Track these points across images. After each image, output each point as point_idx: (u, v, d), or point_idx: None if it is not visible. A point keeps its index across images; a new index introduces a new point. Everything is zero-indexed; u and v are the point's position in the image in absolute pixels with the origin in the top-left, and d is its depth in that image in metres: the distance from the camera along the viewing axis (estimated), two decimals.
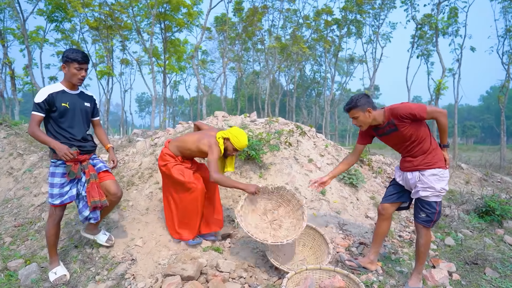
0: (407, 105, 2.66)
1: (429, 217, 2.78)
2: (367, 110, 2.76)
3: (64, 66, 2.80)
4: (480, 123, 62.05)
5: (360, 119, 2.80)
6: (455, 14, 18.64)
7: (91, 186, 2.90)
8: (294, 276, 2.71)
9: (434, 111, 2.63)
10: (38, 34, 19.19)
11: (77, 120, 2.90)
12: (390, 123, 2.75)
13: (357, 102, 2.77)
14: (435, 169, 2.74)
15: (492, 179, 6.60)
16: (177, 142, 3.29)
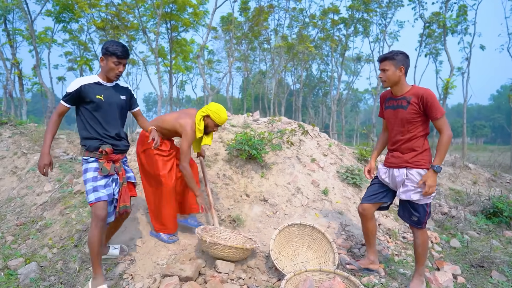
0: (433, 95, 2.55)
1: (420, 220, 2.68)
2: (400, 68, 2.61)
3: (102, 58, 2.60)
4: (491, 122, 61.11)
5: (389, 74, 2.63)
6: (464, 12, 18.36)
7: (124, 190, 2.72)
8: (293, 277, 2.65)
9: (446, 123, 2.52)
10: (46, 35, 19.41)
11: (112, 116, 2.67)
12: (405, 98, 2.62)
13: (395, 56, 2.62)
14: (422, 169, 2.62)
15: (501, 179, 6.45)
16: (156, 121, 3.22)
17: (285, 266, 3.08)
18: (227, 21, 22.51)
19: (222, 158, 4.39)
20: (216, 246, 2.85)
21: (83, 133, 2.61)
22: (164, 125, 3.15)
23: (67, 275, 3.00)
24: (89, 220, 3.75)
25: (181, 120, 3.10)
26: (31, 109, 53.20)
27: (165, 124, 3.15)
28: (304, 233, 3.33)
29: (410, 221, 2.73)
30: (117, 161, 2.70)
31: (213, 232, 3.36)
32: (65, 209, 4.08)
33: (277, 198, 4.07)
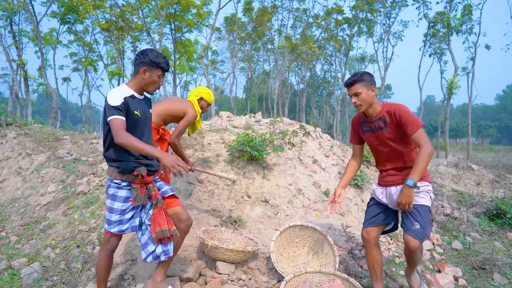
0: (405, 109, 2.40)
1: (423, 228, 2.35)
2: (371, 88, 2.47)
3: (145, 69, 2.28)
4: (496, 122, 60.57)
5: (362, 97, 2.45)
6: (469, 11, 18.22)
7: (158, 212, 2.32)
8: (293, 279, 2.66)
9: (424, 137, 2.32)
10: (51, 36, 19.58)
11: (147, 132, 2.42)
12: (381, 118, 2.48)
13: (363, 77, 2.47)
14: (422, 182, 2.45)
15: (505, 180, 6.40)
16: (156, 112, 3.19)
17: (286, 267, 3.09)
18: (230, 21, 22.55)
19: (224, 159, 4.41)
20: (217, 250, 2.87)
21: (115, 152, 2.27)
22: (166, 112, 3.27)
23: (69, 275, 3.04)
24: (91, 220, 3.79)
25: (183, 104, 3.32)
26: (37, 109, 53.68)
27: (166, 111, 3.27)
28: (305, 234, 3.33)
29: (412, 232, 2.37)
30: (150, 182, 2.39)
31: (214, 234, 3.37)
32: (68, 209, 4.13)
33: (278, 199, 4.08)
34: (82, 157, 5.58)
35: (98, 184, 4.61)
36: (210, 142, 4.60)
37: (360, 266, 3.23)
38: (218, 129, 4.95)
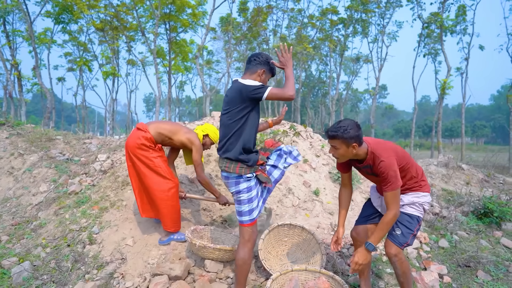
0: (388, 166, 2.27)
1: (403, 236, 2.39)
2: (352, 146, 2.29)
3: (263, 71, 2.51)
4: (491, 122, 61.08)
5: (340, 152, 2.34)
6: (463, 12, 18.38)
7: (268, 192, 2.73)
8: (280, 277, 2.71)
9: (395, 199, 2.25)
10: (45, 36, 19.49)
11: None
12: (369, 167, 2.42)
13: (345, 134, 2.26)
14: (418, 192, 2.46)
15: (494, 180, 6.49)
16: (159, 129, 3.27)
17: (274, 265, 3.13)
18: (226, 21, 22.57)
19: (215, 159, 4.44)
20: (205, 249, 2.90)
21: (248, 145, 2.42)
22: (172, 136, 3.28)
23: (59, 273, 3.06)
24: (82, 220, 3.80)
25: (188, 135, 3.28)
26: (32, 109, 53.34)
27: (172, 135, 3.28)
28: (294, 233, 3.38)
29: (391, 236, 2.43)
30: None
31: (203, 233, 3.41)
32: (59, 209, 4.14)
33: (268, 198, 4.12)
34: (75, 157, 5.59)
35: (89, 184, 4.62)
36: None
37: (347, 264, 3.27)
38: None
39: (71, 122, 51.16)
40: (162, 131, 3.27)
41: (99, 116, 58.75)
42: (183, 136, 3.27)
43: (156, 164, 3.19)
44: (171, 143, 3.36)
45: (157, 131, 3.25)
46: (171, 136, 3.29)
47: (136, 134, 3.23)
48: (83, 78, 23.12)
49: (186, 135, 3.27)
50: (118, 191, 4.21)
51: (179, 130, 3.32)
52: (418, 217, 2.45)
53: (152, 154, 3.19)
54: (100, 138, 6.64)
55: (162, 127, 3.29)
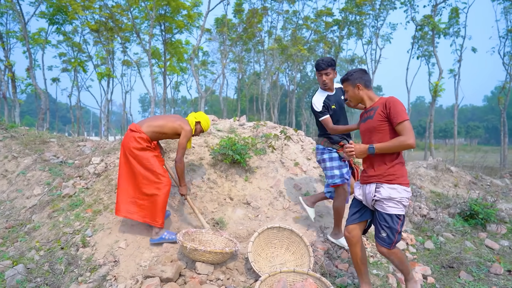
0: (397, 101, 2.50)
1: (389, 236, 2.50)
2: (357, 86, 2.69)
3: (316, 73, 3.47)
4: (485, 123, 61.70)
5: (349, 94, 2.77)
6: (456, 14, 18.61)
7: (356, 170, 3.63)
8: (268, 278, 2.79)
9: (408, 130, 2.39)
10: (40, 36, 19.41)
11: (343, 115, 3.51)
12: (373, 108, 2.61)
13: (349, 76, 2.72)
14: (394, 184, 2.49)
15: (482, 182, 6.63)
16: (152, 127, 3.45)
17: (263, 267, 3.21)
18: (221, 23, 22.63)
19: (207, 163, 4.52)
20: (196, 251, 2.98)
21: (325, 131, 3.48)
22: (165, 130, 3.49)
23: (52, 276, 3.12)
24: (76, 223, 3.86)
25: (179, 121, 3.53)
26: (26, 109, 52.97)
27: (165, 129, 3.49)
28: (283, 235, 3.46)
29: (378, 238, 2.56)
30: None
31: (195, 235, 3.48)
32: (53, 212, 4.19)
33: (259, 201, 4.20)
34: (69, 160, 5.63)
35: (83, 187, 4.67)
36: (194, 145, 4.70)
37: (335, 266, 3.37)
38: None
39: (66, 122, 50.88)
40: (155, 128, 3.45)
41: (94, 117, 58.51)
42: (175, 123, 3.49)
43: (151, 163, 3.35)
44: (166, 136, 3.57)
45: (150, 130, 3.43)
46: (163, 130, 3.47)
47: (131, 135, 3.38)
48: (77, 78, 23.06)
49: (177, 121, 3.51)
50: (112, 194, 4.27)
51: (169, 119, 3.53)
52: (398, 215, 2.50)
53: (148, 154, 3.36)
54: (94, 141, 6.68)
55: (154, 124, 3.47)
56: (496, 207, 4.74)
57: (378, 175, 2.54)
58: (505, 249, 3.96)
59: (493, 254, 3.80)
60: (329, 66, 3.36)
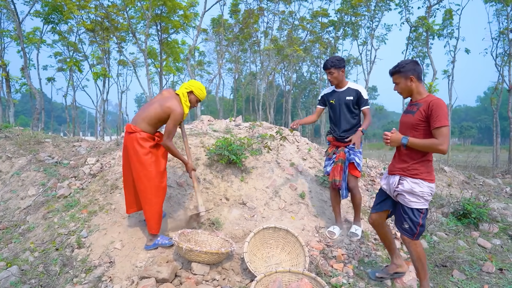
0: (441, 104, 2.49)
1: (411, 228, 2.65)
2: (410, 78, 2.62)
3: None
4: (478, 123, 62.22)
5: (401, 86, 2.69)
6: (450, 16, 18.77)
7: (335, 167, 3.68)
8: (264, 278, 2.81)
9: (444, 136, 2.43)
10: (34, 35, 19.26)
11: (342, 113, 3.69)
12: (417, 104, 2.62)
13: (401, 68, 2.63)
14: (417, 179, 2.59)
15: (475, 181, 6.70)
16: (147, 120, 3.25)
17: (259, 267, 3.23)
18: (217, 23, 22.62)
19: (203, 163, 4.53)
20: (192, 252, 2.99)
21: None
22: (153, 120, 3.25)
23: (47, 278, 3.11)
24: (71, 224, 3.85)
25: (167, 103, 3.23)
26: (21, 109, 52.53)
27: (153, 119, 3.25)
28: (278, 236, 3.48)
29: (401, 228, 2.71)
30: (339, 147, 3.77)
31: (191, 236, 3.49)
32: (48, 213, 4.17)
33: (255, 201, 4.22)
34: (64, 160, 5.60)
35: (79, 188, 4.66)
36: (190, 146, 4.71)
37: (330, 265, 3.39)
38: (198, 133, 5.06)
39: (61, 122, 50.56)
40: (150, 121, 3.26)
41: (90, 116, 58.17)
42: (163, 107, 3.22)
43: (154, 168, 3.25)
44: (163, 122, 3.32)
45: (147, 124, 3.26)
46: (159, 118, 3.25)
47: (133, 138, 3.23)
48: (73, 78, 22.92)
49: (166, 103, 3.23)
50: (107, 194, 4.27)
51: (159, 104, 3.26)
52: (419, 209, 2.63)
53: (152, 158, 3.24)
54: (89, 141, 6.66)
55: (148, 117, 3.26)
56: (489, 206, 4.80)
57: (403, 168, 2.66)
58: (497, 248, 4.02)
59: (485, 253, 3.85)
60: (332, 66, 3.58)
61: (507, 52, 17.84)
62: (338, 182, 3.67)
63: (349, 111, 3.70)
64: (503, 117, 29.26)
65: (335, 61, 3.59)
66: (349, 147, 3.73)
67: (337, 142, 3.80)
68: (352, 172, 3.71)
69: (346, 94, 3.68)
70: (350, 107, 3.68)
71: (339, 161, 3.70)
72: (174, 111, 3.21)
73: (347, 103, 3.68)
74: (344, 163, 3.70)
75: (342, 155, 3.70)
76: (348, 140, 3.59)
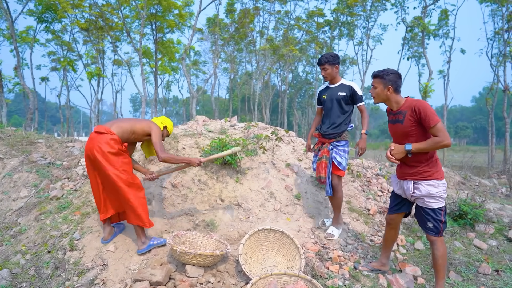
0: (425, 105, 2.59)
1: (436, 227, 2.74)
2: (388, 88, 2.75)
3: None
4: (473, 123, 62.70)
5: (377, 91, 2.80)
6: (445, 16, 18.86)
7: (320, 163, 3.66)
8: (259, 281, 2.77)
9: (442, 130, 2.50)
10: (28, 34, 19.08)
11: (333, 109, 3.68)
12: (401, 112, 2.72)
13: (385, 75, 2.74)
14: (431, 180, 2.67)
15: (471, 182, 6.71)
16: (122, 128, 3.27)
17: (254, 269, 3.19)
18: (213, 22, 22.54)
19: None
20: (186, 255, 2.95)
21: None
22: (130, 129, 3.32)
23: (39, 281, 3.06)
24: (63, 226, 3.80)
25: (145, 122, 3.45)
26: (14, 109, 52.08)
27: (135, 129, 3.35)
28: (274, 237, 3.44)
29: (426, 228, 2.80)
30: (324, 143, 3.76)
31: (185, 238, 3.45)
32: (40, 215, 4.11)
33: (250, 202, 4.18)
34: (57, 161, 5.53)
35: (72, 189, 4.60)
36: (185, 146, 4.66)
37: (326, 267, 3.36)
38: (193, 133, 5.01)
39: (55, 122, 50.16)
40: (125, 128, 3.28)
41: (85, 116, 57.81)
42: (143, 123, 3.40)
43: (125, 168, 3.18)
44: (135, 138, 3.40)
45: (120, 130, 3.23)
46: (133, 129, 3.33)
47: (102, 138, 3.12)
48: (67, 78, 22.73)
49: (145, 122, 3.43)
50: None
51: (137, 120, 3.46)
52: (439, 208, 2.74)
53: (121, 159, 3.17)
54: (83, 142, 6.57)
55: (123, 126, 3.28)
56: (484, 207, 4.79)
57: (414, 172, 2.72)
58: (493, 249, 4.01)
59: (482, 254, 3.84)
60: (326, 62, 3.60)
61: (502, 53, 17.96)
62: (323, 178, 3.65)
63: (340, 107, 3.68)
64: (498, 117, 29.48)
65: (329, 57, 3.62)
66: (333, 144, 3.72)
67: (322, 138, 3.80)
68: (334, 171, 3.70)
69: (339, 90, 3.68)
70: (341, 103, 3.67)
71: (323, 158, 3.67)
72: (155, 128, 3.38)
73: (339, 99, 3.67)
74: (329, 160, 3.69)
75: (325, 151, 3.69)
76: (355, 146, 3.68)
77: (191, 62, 28.13)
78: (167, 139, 4.78)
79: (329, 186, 3.73)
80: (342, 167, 3.69)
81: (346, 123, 3.72)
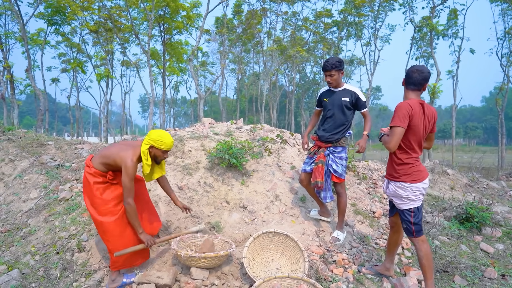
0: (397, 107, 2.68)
1: (408, 229, 2.84)
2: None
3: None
4: (483, 124, 61.75)
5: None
6: (454, 16, 18.62)
7: (316, 168, 3.62)
8: (263, 284, 2.79)
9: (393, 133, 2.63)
10: (39, 37, 19.40)
11: (334, 113, 3.65)
12: None
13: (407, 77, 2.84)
14: (398, 182, 2.81)
15: (478, 184, 6.64)
16: (100, 158, 2.97)
17: (258, 272, 3.22)
18: (221, 23, 22.62)
19: (204, 166, 4.52)
20: (191, 258, 2.98)
21: None
22: (106, 160, 2.94)
23: (47, 281, 3.12)
24: (72, 227, 3.87)
25: (121, 152, 2.87)
26: (26, 109, 52.94)
27: (106, 159, 2.94)
28: (278, 240, 3.47)
29: (403, 229, 2.92)
30: (320, 147, 3.74)
31: (190, 241, 3.49)
32: (49, 216, 4.19)
33: (256, 205, 4.21)
34: (66, 163, 5.63)
35: (80, 191, 4.68)
36: (191, 149, 4.71)
37: (330, 270, 3.37)
38: (199, 136, 5.06)
39: (65, 122, 50.85)
40: (102, 159, 2.96)
41: (94, 117, 58.49)
42: (118, 154, 2.87)
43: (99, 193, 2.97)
44: (113, 168, 2.98)
45: (98, 161, 2.97)
46: (108, 161, 2.93)
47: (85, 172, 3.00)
48: (77, 79, 23.05)
49: (119, 153, 2.87)
50: None
51: (119, 148, 2.94)
52: (408, 209, 2.82)
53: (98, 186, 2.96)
54: (92, 143, 6.68)
55: (102, 155, 2.98)
56: (492, 210, 4.75)
57: (388, 172, 2.93)
58: (500, 253, 3.98)
59: (488, 258, 3.81)
60: (333, 68, 3.52)
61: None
62: (320, 184, 3.61)
63: (342, 112, 3.64)
64: (509, 118, 29.06)
65: (336, 62, 3.52)
66: (330, 150, 3.69)
67: (319, 141, 3.76)
68: (333, 179, 3.69)
69: (342, 95, 3.64)
70: (343, 108, 3.63)
71: (319, 162, 3.64)
72: (125, 163, 2.80)
73: (342, 104, 3.63)
74: (325, 166, 3.65)
75: (322, 156, 3.66)
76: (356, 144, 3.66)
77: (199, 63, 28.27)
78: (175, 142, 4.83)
79: (326, 192, 3.75)
80: (338, 175, 3.66)
81: (345, 130, 3.68)
